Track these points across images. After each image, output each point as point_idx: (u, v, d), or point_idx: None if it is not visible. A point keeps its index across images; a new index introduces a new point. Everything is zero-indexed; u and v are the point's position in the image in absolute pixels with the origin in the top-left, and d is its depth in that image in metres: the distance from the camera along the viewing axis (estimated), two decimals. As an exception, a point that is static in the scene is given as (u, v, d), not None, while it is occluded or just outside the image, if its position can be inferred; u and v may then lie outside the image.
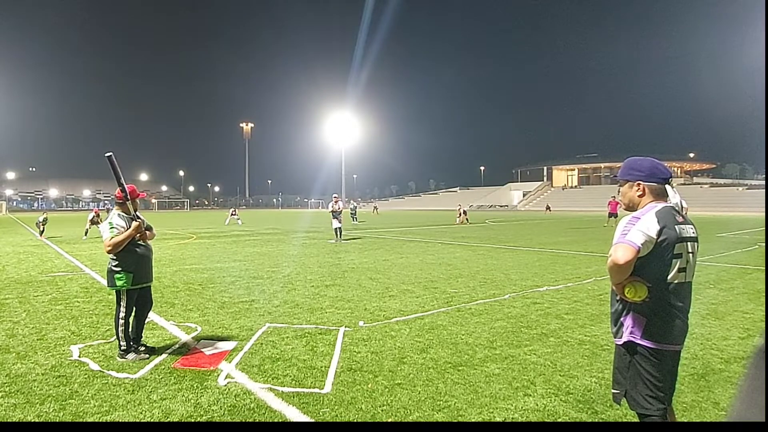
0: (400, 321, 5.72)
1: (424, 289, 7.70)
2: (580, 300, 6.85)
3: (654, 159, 2.46)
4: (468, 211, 35.11)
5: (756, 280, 8.44)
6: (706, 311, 6.10)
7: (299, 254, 13.12)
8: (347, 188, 65.57)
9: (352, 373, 4.03)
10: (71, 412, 3.33)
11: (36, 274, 9.68)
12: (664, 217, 2.27)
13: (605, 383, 3.71)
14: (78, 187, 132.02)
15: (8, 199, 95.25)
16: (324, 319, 5.86)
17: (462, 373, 4.02)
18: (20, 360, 4.40)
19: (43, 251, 14.26)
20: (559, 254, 12.77)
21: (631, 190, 2.44)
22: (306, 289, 7.81)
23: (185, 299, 7.05)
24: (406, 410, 3.33)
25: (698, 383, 3.79)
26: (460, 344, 4.79)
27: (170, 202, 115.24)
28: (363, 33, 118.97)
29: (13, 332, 5.32)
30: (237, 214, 33.76)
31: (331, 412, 3.30)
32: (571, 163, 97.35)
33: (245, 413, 3.31)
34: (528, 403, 3.45)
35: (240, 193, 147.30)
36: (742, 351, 4.57)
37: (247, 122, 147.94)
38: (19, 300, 7.07)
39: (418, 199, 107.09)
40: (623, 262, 2.17)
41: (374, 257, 12.20)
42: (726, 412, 3.28)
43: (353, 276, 9.16)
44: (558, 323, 5.59)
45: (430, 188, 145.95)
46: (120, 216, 4.48)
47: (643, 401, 2.29)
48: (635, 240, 2.19)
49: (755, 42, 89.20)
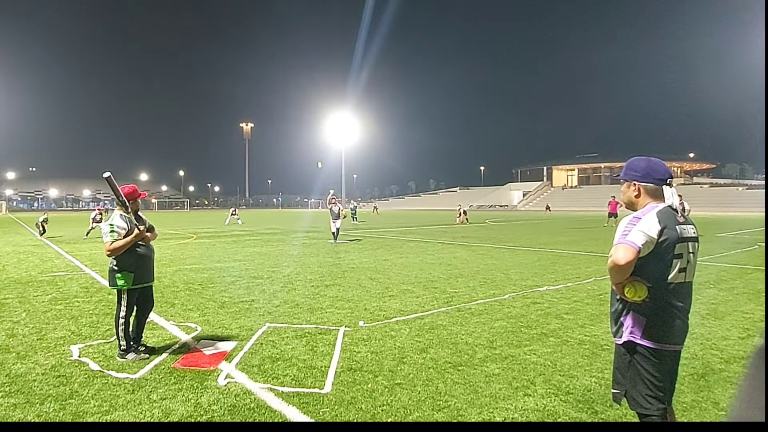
0: (400, 321, 5.72)
1: (424, 289, 7.70)
2: (580, 300, 6.86)
3: (655, 159, 2.46)
4: (468, 211, 34.97)
5: (756, 280, 8.44)
6: (706, 311, 6.10)
7: (299, 254, 13.12)
8: (347, 188, 65.54)
9: (352, 373, 4.03)
10: (71, 412, 3.34)
11: (36, 274, 9.68)
12: (666, 217, 2.27)
13: (605, 383, 3.71)
14: (78, 187, 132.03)
15: (8, 199, 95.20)
16: (324, 319, 5.86)
17: (462, 373, 4.02)
18: (20, 360, 4.40)
19: (43, 251, 14.26)
20: (559, 254, 12.78)
21: (629, 190, 2.46)
22: (306, 289, 7.81)
23: (185, 299, 7.05)
24: (406, 410, 3.33)
25: (698, 383, 3.79)
26: (460, 344, 4.80)
27: (170, 202, 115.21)
28: (363, 33, 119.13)
29: (13, 332, 5.32)
30: (237, 213, 33.75)
31: (331, 412, 3.30)
32: (571, 163, 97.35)
33: (245, 413, 3.31)
34: (528, 403, 3.45)
35: (240, 193, 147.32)
36: (742, 351, 4.57)
37: (247, 122, 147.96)
38: (19, 300, 7.07)
39: (418, 199, 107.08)
40: (624, 262, 2.17)
41: (374, 257, 12.20)
42: (726, 412, 3.28)
43: (353, 276, 9.16)
44: (558, 323, 5.59)
45: (430, 188, 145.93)
46: (121, 217, 4.47)
47: (643, 401, 2.29)
48: (636, 240, 2.19)
49: (755, 42, 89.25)
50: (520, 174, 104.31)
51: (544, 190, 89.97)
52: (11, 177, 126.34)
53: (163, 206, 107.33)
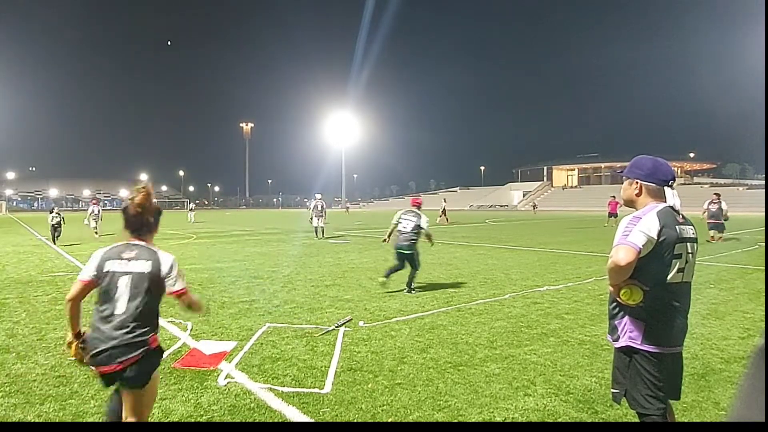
0: (400, 321, 5.72)
1: (424, 289, 7.70)
2: (580, 300, 6.85)
3: (661, 160, 2.45)
4: (447, 210, 30.07)
5: (756, 280, 8.44)
6: (706, 311, 6.10)
7: (299, 254, 13.12)
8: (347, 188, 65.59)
9: (352, 373, 4.03)
10: (71, 412, 3.34)
11: (36, 274, 9.68)
12: (665, 217, 2.26)
13: (605, 383, 3.71)
14: (78, 187, 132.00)
15: (8, 199, 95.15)
16: (324, 319, 5.86)
17: (462, 373, 4.02)
18: (20, 360, 4.40)
19: (43, 251, 14.26)
20: (559, 254, 12.77)
21: (630, 188, 2.45)
22: (306, 289, 7.81)
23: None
24: (406, 410, 3.33)
25: (698, 383, 3.79)
26: (460, 344, 4.79)
27: (170, 202, 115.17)
28: (363, 33, 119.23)
29: (13, 332, 5.32)
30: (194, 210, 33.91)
31: (331, 412, 3.30)
32: (571, 163, 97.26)
33: (245, 413, 3.31)
34: (528, 403, 3.45)
35: (240, 193, 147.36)
36: (742, 351, 4.57)
37: (247, 122, 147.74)
38: (19, 300, 7.07)
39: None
40: (624, 263, 2.16)
41: (374, 257, 12.20)
42: (726, 412, 3.28)
43: (353, 276, 9.16)
44: (558, 323, 5.59)
45: (431, 188, 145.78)
46: None
47: (644, 401, 2.29)
48: (636, 241, 2.19)
49: (755, 42, 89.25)
50: (520, 174, 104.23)
51: (544, 190, 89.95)
52: (11, 177, 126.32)
53: (163, 206, 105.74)
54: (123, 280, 2.44)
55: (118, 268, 2.46)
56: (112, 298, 2.44)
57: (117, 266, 2.47)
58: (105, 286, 2.45)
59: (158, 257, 2.53)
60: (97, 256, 2.53)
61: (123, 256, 2.49)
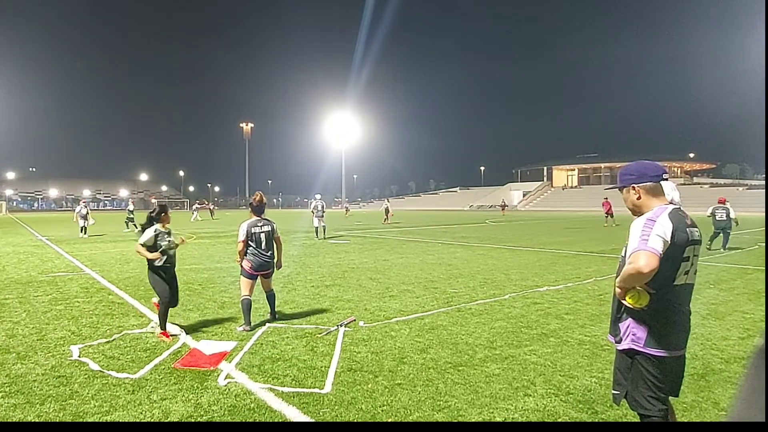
0: (400, 321, 5.72)
1: (424, 289, 7.70)
2: (580, 300, 6.85)
3: (644, 161, 2.47)
4: (390, 209, 29.42)
5: (756, 280, 8.44)
6: (706, 311, 6.10)
7: (299, 254, 13.11)
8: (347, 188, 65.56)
9: (352, 373, 4.03)
10: (71, 412, 3.34)
11: (36, 274, 9.68)
12: (677, 219, 2.25)
13: (605, 383, 3.71)
14: (78, 187, 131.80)
15: (8, 199, 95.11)
16: (324, 319, 5.86)
17: (462, 373, 4.02)
18: (20, 360, 4.40)
19: (43, 251, 14.26)
20: (559, 254, 12.77)
21: (630, 195, 2.45)
22: (306, 289, 7.81)
23: (185, 299, 7.04)
24: (406, 410, 3.33)
25: (698, 383, 3.79)
26: (460, 344, 4.79)
27: (170, 202, 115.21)
28: (363, 33, 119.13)
29: (13, 332, 5.32)
30: (198, 210, 33.91)
31: (331, 412, 3.30)
32: (571, 163, 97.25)
33: (245, 413, 3.31)
34: (528, 403, 3.45)
35: (240, 193, 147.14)
36: (742, 351, 4.57)
37: (247, 122, 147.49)
38: (19, 300, 7.07)
39: (418, 199, 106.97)
40: (648, 270, 2.11)
41: (374, 257, 12.20)
42: (726, 412, 3.28)
43: (353, 276, 9.16)
44: (558, 323, 5.59)
45: (430, 188, 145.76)
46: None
47: (645, 402, 2.28)
48: (657, 246, 2.15)
49: (755, 42, 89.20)
50: (520, 174, 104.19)
51: (544, 190, 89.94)
52: (11, 177, 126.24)
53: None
54: (262, 235, 5.69)
55: (257, 230, 5.68)
56: (260, 242, 5.67)
57: (256, 229, 5.68)
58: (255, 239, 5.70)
59: (272, 223, 5.83)
60: (245, 226, 5.71)
61: (258, 224, 5.70)
